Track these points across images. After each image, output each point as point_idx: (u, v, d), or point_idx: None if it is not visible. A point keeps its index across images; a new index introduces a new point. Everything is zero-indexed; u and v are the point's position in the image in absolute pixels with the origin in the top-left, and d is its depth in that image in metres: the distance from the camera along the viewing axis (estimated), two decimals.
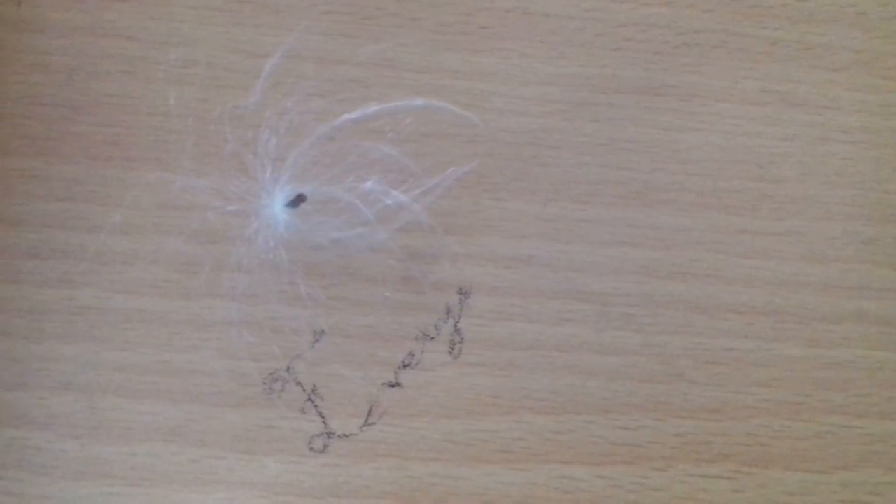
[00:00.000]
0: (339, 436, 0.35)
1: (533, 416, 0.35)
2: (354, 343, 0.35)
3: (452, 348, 0.35)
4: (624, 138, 0.37)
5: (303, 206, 0.34)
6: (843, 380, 0.36)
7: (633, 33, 0.38)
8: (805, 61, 0.38)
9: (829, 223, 0.37)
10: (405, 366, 0.35)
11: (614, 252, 0.36)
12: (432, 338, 0.35)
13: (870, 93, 0.38)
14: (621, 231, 0.37)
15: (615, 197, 0.37)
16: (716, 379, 0.36)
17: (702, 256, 0.37)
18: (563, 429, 0.35)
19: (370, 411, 0.35)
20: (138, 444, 0.35)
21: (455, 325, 0.35)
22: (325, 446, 0.35)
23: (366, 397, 0.35)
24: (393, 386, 0.35)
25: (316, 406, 0.35)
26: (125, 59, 0.36)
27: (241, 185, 0.35)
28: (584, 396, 0.36)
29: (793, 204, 0.37)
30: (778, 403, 0.36)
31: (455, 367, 0.35)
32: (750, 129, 0.37)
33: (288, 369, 0.35)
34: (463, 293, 0.36)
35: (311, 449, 0.35)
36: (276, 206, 0.35)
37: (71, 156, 0.36)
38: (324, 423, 0.35)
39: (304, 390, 0.35)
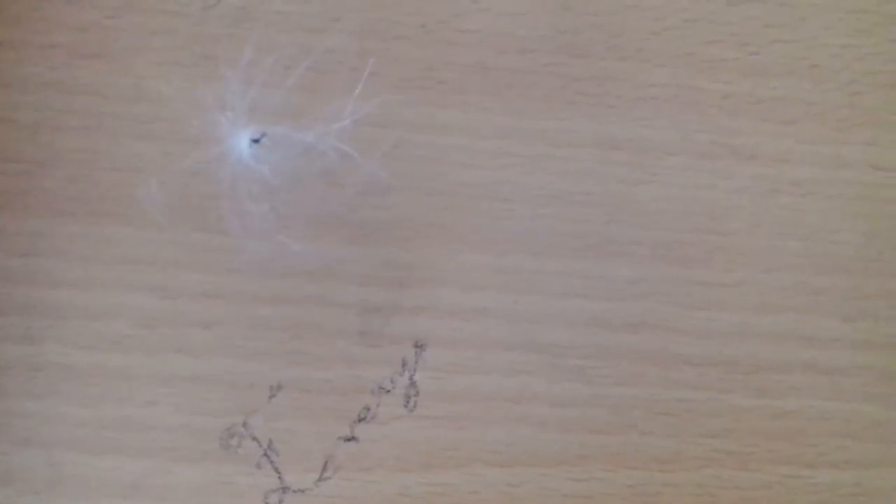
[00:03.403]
0: (294, 490, 0.30)
1: (487, 468, 0.30)
2: (311, 397, 0.30)
3: (408, 402, 0.30)
4: (579, 191, 0.32)
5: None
6: (792, 430, 0.31)
7: (588, 87, 0.32)
8: (757, 114, 0.32)
9: (779, 274, 0.32)
10: (361, 420, 0.30)
11: (568, 304, 0.31)
12: (388, 391, 0.30)
13: (821, 145, 0.32)
14: (575, 283, 0.31)
15: (570, 249, 0.32)
16: (667, 430, 0.31)
17: (654, 308, 0.31)
18: (516, 481, 0.30)
19: (325, 466, 0.30)
20: (98, 499, 0.31)
21: (411, 379, 0.30)
22: (280, 501, 0.30)
23: (322, 452, 0.30)
24: (349, 440, 0.30)
25: (272, 461, 0.29)
26: (91, 115, 0.31)
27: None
28: (538, 448, 0.31)
29: (743, 255, 0.32)
30: (728, 454, 0.31)
31: (410, 421, 0.30)
32: (702, 182, 0.32)
33: (244, 424, 0.29)
34: (419, 346, 0.30)
35: None
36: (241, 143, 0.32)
37: (35, 211, 0.31)
38: (279, 478, 0.30)
39: (261, 445, 0.30)
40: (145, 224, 0.34)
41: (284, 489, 0.33)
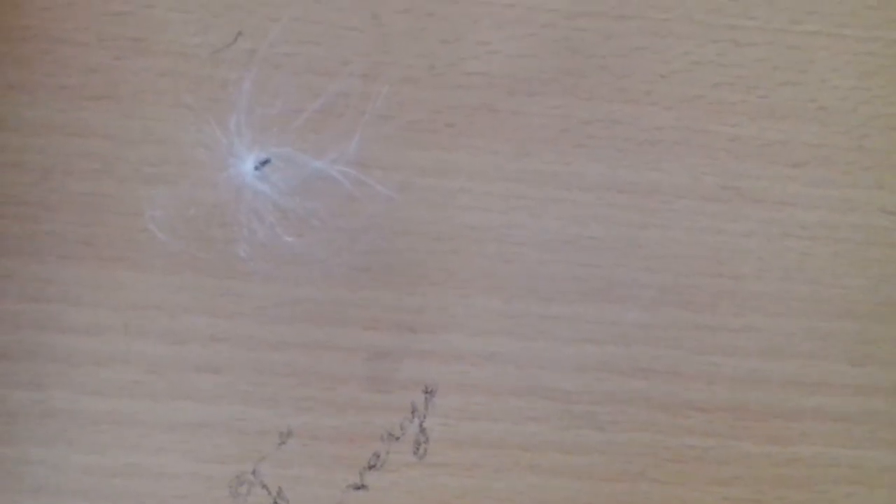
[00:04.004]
0: None
1: None
2: (320, 444, 0.30)
3: (418, 448, 0.29)
4: (587, 235, 0.31)
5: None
6: (801, 477, 0.31)
7: (596, 130, 0.31)
8: (764, 157, 0.32)
9: (787, 319, 0.31)
10: (371, 467, 0.29)
11: (577, 349, 0.30)
12: (398, 438, 0.29)
13: (828, 188, 0.31)
14: (584, 328, 0.31)
15: (578, 294, 0.31)
16: (677, 477, 0.30)
17: (662, 353, 0.30)
18: None
19: None
20: None
21: (420, 425, 0.29)
22: None
23: (331, 499, 0.29)
24: (358, 488, 0.29)
25: None
26: (99, 158, 0.30)
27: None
28: (547, 496, 0.30)
29: (751, 300, 0.31)
30: (737, 501, 0.30)
31: (420, 468, 0.29)
32: (709, 226, 0.31)
33: (254, 472, 0.28)
34: (428, 392, 0.29)
35: None
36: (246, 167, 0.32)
37: (43, 255, 0.29)
38: None
39: (270, 493, 0.29)
40: (154, 269, 0.33)
41: None
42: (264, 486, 0.32)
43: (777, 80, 0.36)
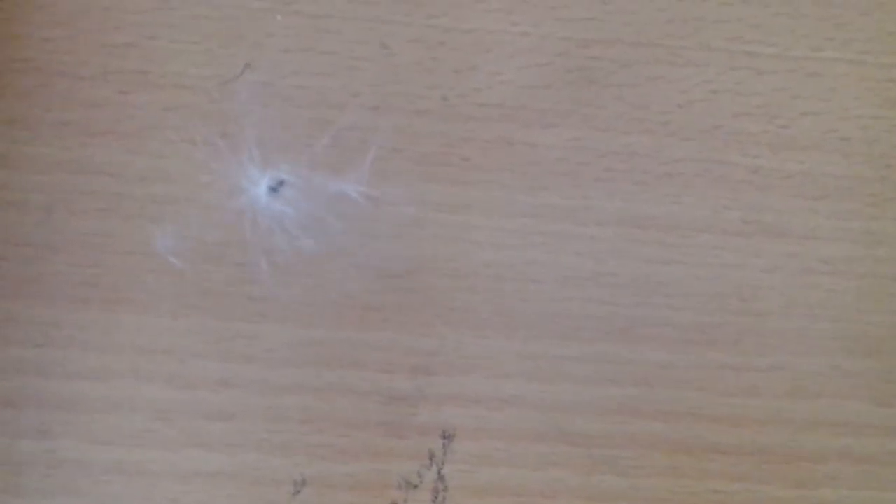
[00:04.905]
0: None
1: None
2: (336, 493, 0.28)
3: (436, 496, 0.27)
4: (606, 271, 0.29)
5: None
6: None
7: (614, 163, 0.29)
8: (786, 189, 0.30)
9: (812, 357, 0.29)
10: None
11: (598, 391, 0.29)
12: (416, 486, 0.27)
13: (852, 220, 0.30)
14: (604, 369, 0.29)
15: (598, 333, 0.29)
16: None
17: (685, 395, 0.29)
18: None
19: None
20: None
21: (439, 472, 0.28)
22: None
23: None
24: None
25: None
26: (104, 196, 0.28)
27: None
28: None
29: (775, 338, 0.29)
30: None
31: None
32: (731, 261, 0.29)
33: None
34: (446, 437, 0.27)
35: None
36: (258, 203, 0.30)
37: (48, 298, 0.27)
38: None
39: None
40: (161, 311, 0.31)
41: None
42: None
43: (798, 109, 0.34)
